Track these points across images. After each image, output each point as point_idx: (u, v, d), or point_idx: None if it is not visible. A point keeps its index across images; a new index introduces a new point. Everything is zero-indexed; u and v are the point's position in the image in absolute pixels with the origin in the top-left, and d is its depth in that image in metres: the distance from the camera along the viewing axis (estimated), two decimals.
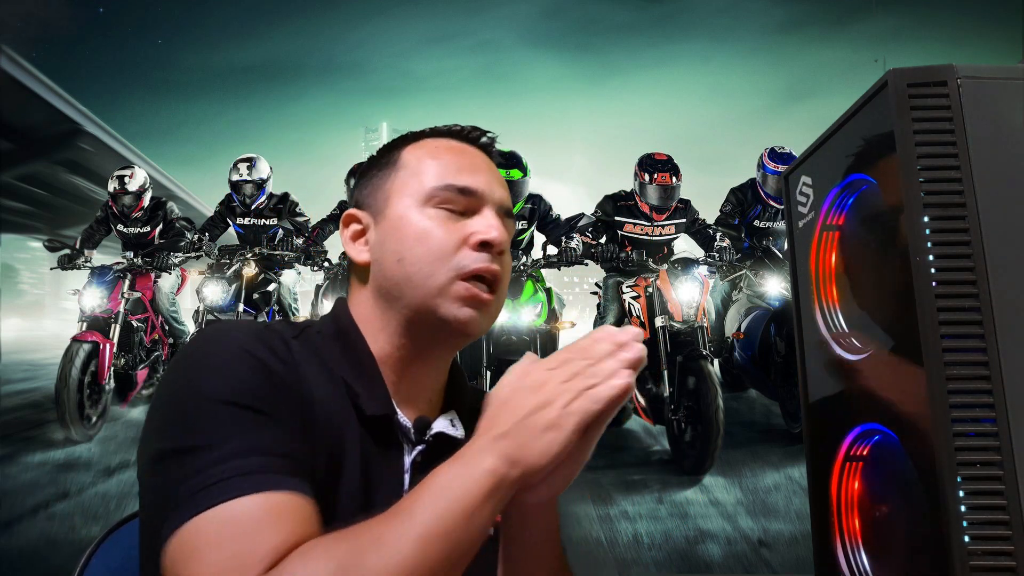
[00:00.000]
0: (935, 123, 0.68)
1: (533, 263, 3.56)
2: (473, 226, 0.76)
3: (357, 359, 0.75)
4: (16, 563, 2.73)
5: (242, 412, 0.62)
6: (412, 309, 0.75)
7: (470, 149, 0.82)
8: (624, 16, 7.26)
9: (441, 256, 0.74)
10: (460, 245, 0.75)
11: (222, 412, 0.61)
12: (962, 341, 0.65)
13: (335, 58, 7.56)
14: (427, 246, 0.74)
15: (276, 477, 0.59)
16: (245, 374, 0.64)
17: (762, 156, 4.09)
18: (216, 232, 4.24)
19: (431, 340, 0.77)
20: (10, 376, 5.18)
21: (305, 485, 0.61)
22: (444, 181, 0.77)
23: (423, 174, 0.78)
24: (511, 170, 3.61)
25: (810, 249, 0.92)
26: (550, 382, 0.62)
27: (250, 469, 0.58)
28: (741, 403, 4.34)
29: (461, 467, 0.61)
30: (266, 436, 0.61)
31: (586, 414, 0.61)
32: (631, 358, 0.63)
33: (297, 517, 0.58)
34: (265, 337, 0.70)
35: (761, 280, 3.87)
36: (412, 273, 0.74)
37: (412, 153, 0.80)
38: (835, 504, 0.86)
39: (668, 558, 2.79)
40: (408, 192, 0.77)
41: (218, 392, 0.62)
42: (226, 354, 0.66)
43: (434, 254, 0.74)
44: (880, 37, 5.17)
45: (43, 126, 8.13)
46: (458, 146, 0.81)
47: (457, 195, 0.77)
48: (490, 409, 0.64)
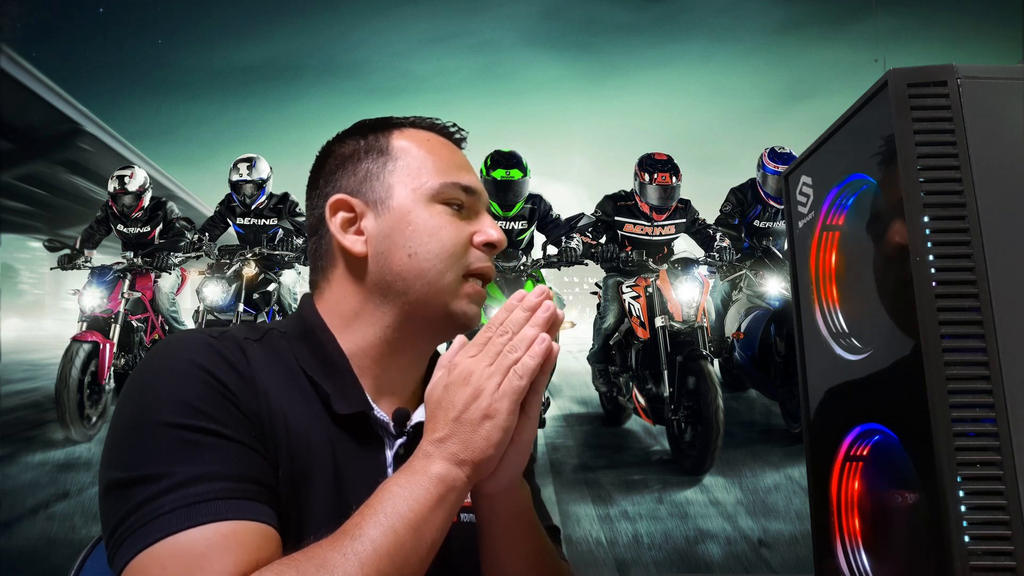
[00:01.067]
0: (935, 123, 0.68)
1: (533, 263, 3.56)
2: (477, 227, 0.78)
3: (326, 357, 0.74)
4: (16, 563, 2.73)
5: (190, 435, 0.60)
6: (419, 303, 0.74)
7: (454, 146, 0.82)
8: (624, 16, 7.31)
9: (453, 254, 0.75)
10: (468, 244, 0.76)
11: (170, 437, 0.60)
12: (962, 341, 0.65)
13: (335, 58, 7.63)
14: (441, 243, 0.74)
15: (225, 504, 0.57)
16: (194, 392, 0.62)
17: (762, 156, 4.09)
18: (216, 232, 4.24)
19: (430, 333, 0.77)
20: (10, 376, 5.18)
21: (258, 507, 0.59)
22: (450, 179, 0.77)
23: (425, 168, 0.77)
24: (511, 170, 3.61)
25: (810, 249, 0.92)
26: (476, 369, 0.63)
27: (198, 498, 0.57)
28: (741, 403, 4.34)
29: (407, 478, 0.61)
30: (215, 460, 0.60)
31: (516, 392, 0.62)
32: (545, 317, 0.65)
33: (247, 545, 0.56)
34: (218, 347, 0.67)
35: (761, 280, 3.87)
36: (426, 269, 0.74)
37: (403, 142, 0.79)
38: (835, 504, 0.86)
39: (668, 558, 2.79)
40: (413, 185, 0.76)
41: (165, 415, 0.61)
42: (175, 371, 0.64)
43: (447, 251, 0.75)
44: (880, 37, 5.19)
45: (43, 126, 8.13)
46: (445, 142, 0.81)
47: (462, 193, 0.77)
48: (428, 411, 0.64)
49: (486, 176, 3.63)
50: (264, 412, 0.66)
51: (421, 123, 0.82)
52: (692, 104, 7.56)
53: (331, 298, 0.77)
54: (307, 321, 0.76)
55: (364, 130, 0.81)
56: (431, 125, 0.82)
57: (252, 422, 0.64)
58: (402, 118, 0.82)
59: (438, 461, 0.61)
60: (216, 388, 0.64)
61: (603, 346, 3.80)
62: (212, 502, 0.57)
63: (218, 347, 0.67)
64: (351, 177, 0.78)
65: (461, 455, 0.62)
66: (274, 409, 0.67)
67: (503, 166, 3.62)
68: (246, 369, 0.67)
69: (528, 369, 0.63)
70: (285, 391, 0.69)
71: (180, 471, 0.58)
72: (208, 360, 0.65)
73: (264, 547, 0.57)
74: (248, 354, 0.69)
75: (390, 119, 0.82)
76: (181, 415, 0.61)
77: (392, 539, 0.57)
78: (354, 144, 0.80)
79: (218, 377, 0.64)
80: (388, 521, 0.58)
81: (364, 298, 0.76)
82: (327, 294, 0.78)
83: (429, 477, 0.60)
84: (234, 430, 0.62)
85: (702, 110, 7.48)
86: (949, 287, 0.66)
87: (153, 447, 0.59)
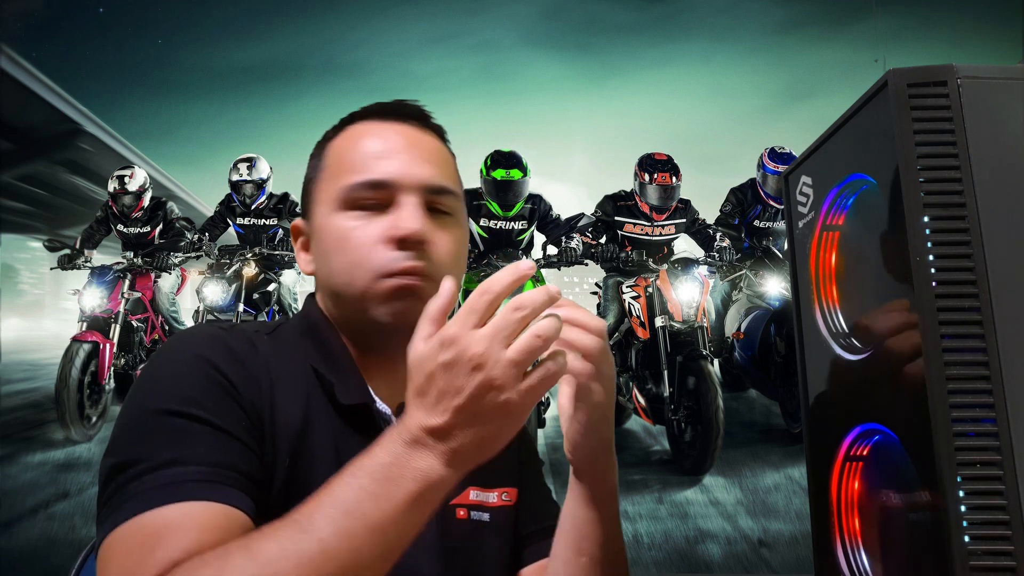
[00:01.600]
0: (935, 123, 0.68)
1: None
2: (389, 221, 0.70)
3: (329, 351, 0.74)
4: (16, 563, 2.73)
5: (179, 421, 0.60)
6: (351, 315, 0.74)
7: (388, 129, 0.75)
8: (624, 16, 7.28)
9: (359, 261, 0.70)
10: (377, 243, 0.70)
11: (159, 424, 0.60)
12: (962, 341, 0.65)
13: (335, 58, 7.58)
14: (345, 254, 0.71)
15: (196, 486, 0.57)
16: (192, 382, 0.63)
17: (762, 156, 4.09)
18: (216, 232, 4.24)
19: (381, 339, 0.74)
20: (10, 376, 5.18)
21: (230, 492, 0.58)
22: (355, 179, 0.71)
23: (340, 172, 0.73)
24: (511, 170, 3.61)
25: (810, 249, 0.92)
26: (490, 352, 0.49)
27: (171, 479, 0.57)
28: (741, 403, 4.34)
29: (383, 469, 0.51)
30: (198, 446, 0.60)
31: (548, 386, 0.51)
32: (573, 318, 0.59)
33: (208, 526, 0.55)
34: (227, 340, 0.68)
35: (761, 280, 3.87)
36: (337, 284, 0.72)
37: (332, 147, 0.77)
38: (835, 504, 0.86)
39: (668, 558, 2.79)
40: (326, 197, 0.74)
41: (159, 403, 0.61)
42: (177, 363, 0.65)
43: (352, 260, 0.70)
44: (880, 37, 5.19)
45: (43, 126, 8.13)
46: (375, 128, 0.75)
47: (369, 191, 0.71)
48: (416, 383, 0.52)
49: (486, 176, 3.63)
50: (266, 405, 0.67)
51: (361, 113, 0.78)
52: (692, 104, 7.59)
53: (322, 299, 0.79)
54: (311, 317, 0.77)
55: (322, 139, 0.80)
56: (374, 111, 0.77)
57: (249, 415, 0.65)
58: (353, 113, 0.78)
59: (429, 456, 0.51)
60: (216, 380, 0.64)
61: None
62: (184, 484, 0.57)
63: (226, 340, 0.68)
64: (304, 197, 0.79)
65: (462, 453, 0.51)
66: (278, 401, 0.67)
67: (503, 166, 3.62)
68: (253, 362, 0.68)
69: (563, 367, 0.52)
70: (292, 383, 0.70)
71: (160, 455, 0.58)
72: (213, 352, 0.66)
73: (228, 529, 0.56)
74: (258, 347, 0.70)
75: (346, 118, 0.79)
76: (174, 403, 0.61)
77: (346, 543, 0.49)
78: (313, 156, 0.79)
79: (220, 369, 0.65)
80: (346, 521, 0.49)
81: (330, 308, 0.77)
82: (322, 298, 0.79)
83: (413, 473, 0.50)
84: (225, 421, 0.62)
85: (702, 110, 7.52)
86: (949, 287, 0.66)
87: (142, 433, 0.61)
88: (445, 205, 0.74)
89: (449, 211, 0.75)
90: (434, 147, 0.77)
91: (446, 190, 0.74)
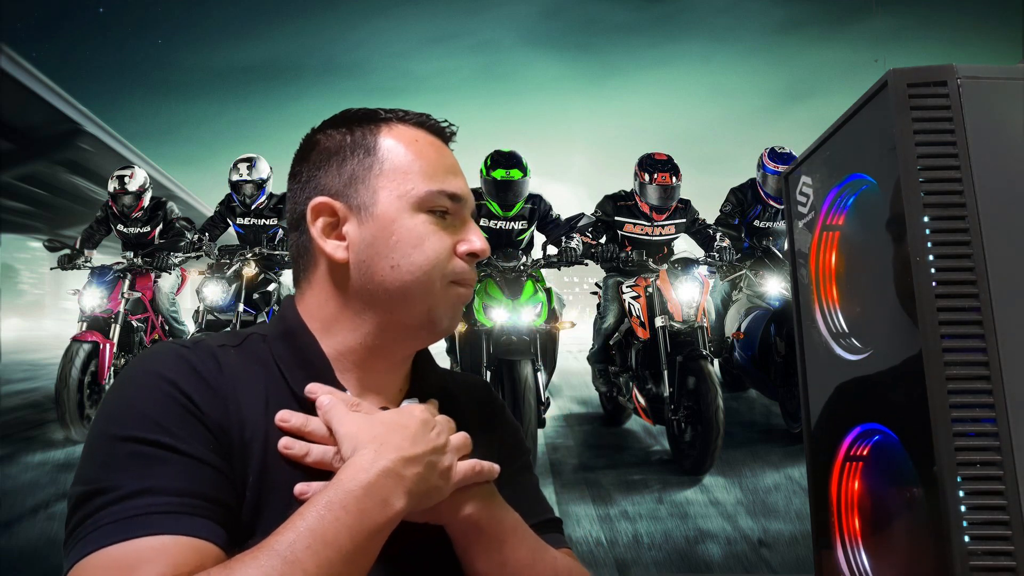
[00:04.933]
0: (935, 123, 0.68)
1: (533, 263, 3.56)
2: (462, 235, 0.76)
3: (306, 359, 0.73)
4: (16, 563, 2.73)
5: (142, 448, 0.60)
6: (403, 313, 0.73)
7: (444, 146, 0.80)
8: (624, 16, 7.30)
9: (437, 265, 0.74)
10: (451, 254, 0.75)
11: (123, 451, 0.60)
12: (962, 341, 0.65)
13: (335, 58, 7.62)
14: (425, 255, 0.73)
15: (163, 518, 0.57)
16: (154, 405, 0.62)
17: (762, 156, 4.09)
18: (216, 232, 4.24)
19: (411, 339, 0.77)
20: (10, 376, 5.18)
21: (199, 522, 0.58)
22: (436, 186, 0.75)
23: (411, 173, 0.74)
24: (511, 170, 3.61)
25: (810, 249, 0.92)
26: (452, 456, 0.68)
27: (138, 511, 0.56)
28: (741, 403, 4.34)
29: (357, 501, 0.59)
30: (163, 474, 0.59)
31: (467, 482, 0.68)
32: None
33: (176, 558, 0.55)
34: (189, 358, 0.67)
35: (761, 280, 3.87)
36: (409, 281, 0.72)
37: (391, 142, 0.76)
38: (835, 504, 0.86)
39: (668, 558, 2.79)
40: (398, 191, 0.74)
41: (122, 429, 0.61)
42: (139, 386, 0.64)
43: (431, 263, 0.73)
44: (880, 37, 5.20)
45: (43, 126, 8.13)
46: (434, 142, 0.79)
47: (448, 201, 0.75)
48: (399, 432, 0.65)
49: (486, 176, 3.63)
50: (233, 423, 0.65)
51: (409, 118, 0.78)
52: (692, 104, 7.60)
53: (312, 301, 0.76)
54: (288, 323, 0.75)
55: (351, 122, 0.77)
56: (420, 122, 0.79)
57: (215, 435, 0.64)
58: (391, 111, 0.79)
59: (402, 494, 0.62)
60: (178, 401, 0.63)
61: (603, 346, 3.80)
62: (150, 515, 0.56)
63: (189, 358, 0.67)
64: (335, 177, 0.75)
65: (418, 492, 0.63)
66: (246, 418, 0.66)
67: (503, 166, 3.62)
68: (217, 379, 0.67)
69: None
70: (261, 397, 0.68)
71: (126, 484, 0.58)
72: (175, 372, 0.65)
73: (196, 562, 0.56)
74: (222, 362, 0.68)
75: (378, 112, 0.78)
76: (137, 428, 0.60)
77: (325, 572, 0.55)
78: (340, 138, 0.76)
79: (183, 389, 0.64)
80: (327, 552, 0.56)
81: (344, 303, 0.74)
82: (308, 296, 0.76)
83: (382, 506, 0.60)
84: (190, 444, 0.61)
85: (702, 110, 7.53)
86: (949, 287, 0.66)
87: (105, 461, 0.60)
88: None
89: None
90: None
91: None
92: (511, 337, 3.30)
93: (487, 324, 3.35)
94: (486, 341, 3.33)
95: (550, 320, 3.50)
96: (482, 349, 3.33)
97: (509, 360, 3.20)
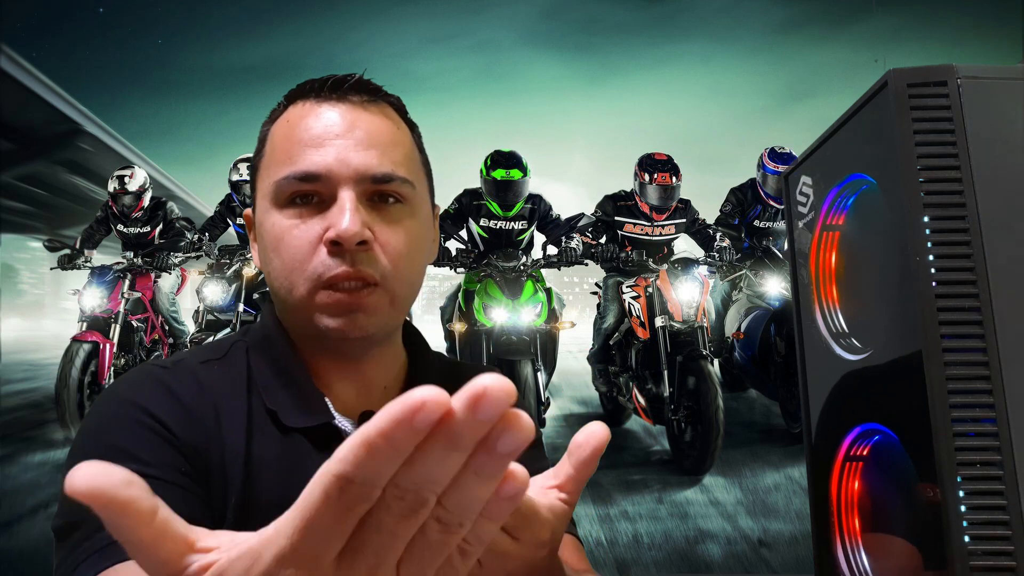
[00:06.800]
0: (935, 123, 0.68)
1: (533, 263, 3.56)
2: (325, 219, 0.64)
3: (281, 369, 0.69)
4: (16, 563, 2.73)
5: None
6: (298, 323, 0.69)
7: (328, 110, 0.67)
8: (624, 16, 7.27)
9: (296, 265, 0.64)
10: (316, 246, 0.64)
11: None
12: (962, 341, 0.65)
13: (335, 58, 7.57)
14: (282, 256, 0.65)
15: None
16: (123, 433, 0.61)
17: (762, 156, 4.09)
18: (216, 232, 4.24)
19: (331, 345, 0.69)
20: (10, 376, 5.18)
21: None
22: (285, 172, 0.65)
23: (273, 163, 0.67)
24: (511, 170, 3.61)
25: (810, 249, 0.92)
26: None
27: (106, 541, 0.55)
28: (741, 403, 4.34)
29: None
30: None
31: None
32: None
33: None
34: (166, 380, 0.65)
35: (761, 280, 3.87)
36: (277, 288, 0.67)
37: (272, 131, 0.69)
38: (835, 504, 0.86)
39: (668, 558, 2.79)
40: (263, 190, 0.68)
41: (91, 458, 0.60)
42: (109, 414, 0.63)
43: (289, 265, 0.65)
44: (880, 37, 5.17)
45: (43, 126, 8.13)
46: (312, 110, 0.67)
47: (301, 184, 0.64)
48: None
49: (486, 176, 3.63)
50: (212, 444, 0.63)
51: (300, 91, 0.69)
52: (692, 104, 7.59)
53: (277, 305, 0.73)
54: (266, 329, 0.72)
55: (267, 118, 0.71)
56: (309, 90, 0.69)
57: (189, 458, 0.62)
58: (293, 89, 0.70)
59: None
60: (148, 426, 0.61)
61: (603, 346, 3.80)
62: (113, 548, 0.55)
63: (165, 380, 0.65)
64: (251, 185, 0.72)
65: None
66: (226, 437, 0.64)
67: (503, 166, 3.62)
68: (195, 400, 0.65)
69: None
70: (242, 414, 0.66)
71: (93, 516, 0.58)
72: (147, 398, 0.63)
73: None
74: (203, 381, 0.67)
75: (289, 94, 0.70)
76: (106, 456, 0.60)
77: None
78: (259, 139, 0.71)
79: (154, 414, 0.62)
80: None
81: (280, 310, 0.72)
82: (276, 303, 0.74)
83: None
84: (159, 469, 0.60)
85: (702, 110, 7.51)
86: (949, 287, 0.66)
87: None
88: (395, 193, 0.67)
89: (400, 198, 0.67)
90: (380, 127, 0.67)
91: (391, 177, 0.66)
92: (511, 337, 3.30)
93: (487, 324, 3.35)
94: (486, 341, 3.33)
95: (550, 320, 3.50)
96: (482, 349, 3.33)
97: (509, 360, 3.20)
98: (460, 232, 3.71)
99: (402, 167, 0.67)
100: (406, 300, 0.69)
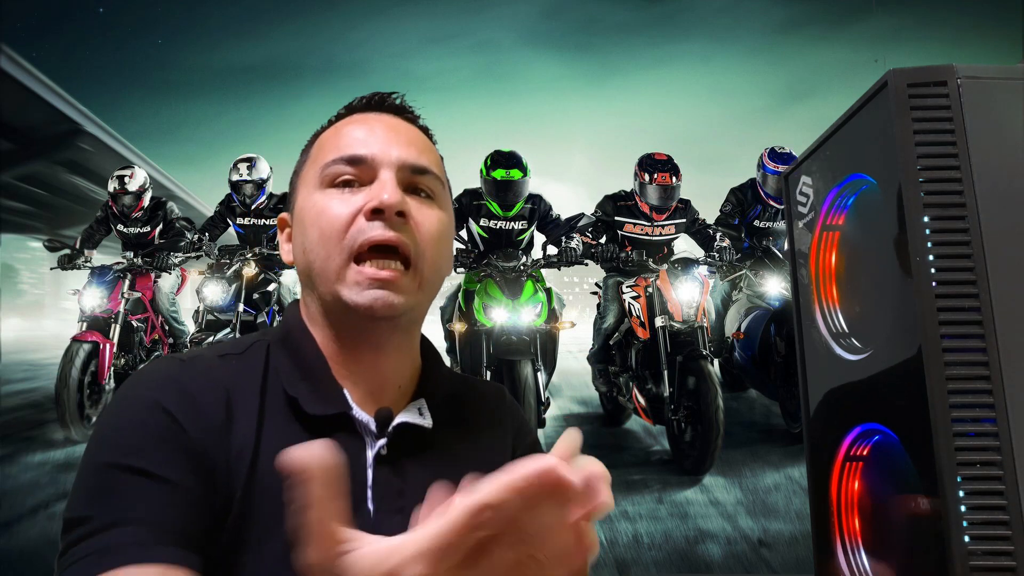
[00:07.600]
0: (935, 123, 0.68)
1: (533, 263, 3.56)
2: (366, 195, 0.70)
3: (302, 360, 0.72)
4: (16, 563, 2.73)
5: (119, 475, 0.60)
6: (323, 298, 0.72)
7: (371, 117, 0.76)
8: (624, 16, 7.25)
9: (334, 234, 0.69)
10: (354, 217, 0.69)
11: (99, 479, 0.60)
12: (962, 341, 0.65)
13: (335, 58, 7.56)
14: (320, 227, 0.70)
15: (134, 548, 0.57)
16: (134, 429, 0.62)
17: (762, 156, 4.09)
18: (216, 232, 4.24)
19: (354, 328, 0.72)
20: (10, 376, 5.18)
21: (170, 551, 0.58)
22: (331, 155, 0.72)
23: (320, 157, 0.73)
24: (511, 170, 3.61)
25: (810, 249, 0.92)
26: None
27: (108, 543, 0.57)
28: (741, 403, 4.34)
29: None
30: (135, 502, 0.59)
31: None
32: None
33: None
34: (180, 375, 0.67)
35: (761, 280, 3.87)
36: (312, 260, 0.71)
37: (319, 140, 0.77)
38: (835, 504, 0.86)
39: (668, 558, 2.79)
40: (308, 179, 0.74)
41: (103, 455, 0.61)
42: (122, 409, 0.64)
43: (328, 233, 0.69)
44: (880, 37, 5.17)
45: (43, 126, 8.13)
46: (359, 118, 0.76)
47: (346, 167, 0.71)
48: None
49: (486, 176, 3.63)
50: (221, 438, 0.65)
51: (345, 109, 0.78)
52: (692, 104, 7.56)
53: (302, 305, 0.78)
54: (288, 324, 0.76)
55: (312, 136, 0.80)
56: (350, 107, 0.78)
57: (197, 453, 0.63)
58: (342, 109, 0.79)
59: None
60: (162, 424, 0.63)
61: (603, 346, 3.80)
62: (121, 547, 0.57)
63: (180, 375, 0.67)
64: (290, 190, 0.79)
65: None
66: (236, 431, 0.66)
67: (503, 166, 3.62)
68: (209, 395, 0.66)
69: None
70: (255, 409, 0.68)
71: (98, 516, 0.59)
72: (162, 392, 0.64)
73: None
74: (218, 375, 0.68)
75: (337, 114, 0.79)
76: (118, 455, 0.61)
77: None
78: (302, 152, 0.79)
79: (167, 409, 0.63)
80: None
81: (309, 299, 0.75)
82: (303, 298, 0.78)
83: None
84: (166, 467, 0.61)
85: (702, 110, 7.48)
86: (949, 287, 0.66)
87: (88, 489, 0.61)
88: (427, 186, 0.73)
89: (431, 194, 0.74)
90: (419, 136, 0.77)
91: (427, 170, 0.73)
92: (511, 337, 3.30)
93: (487, 324, 3.35)
94: (486, 341, 3.33)
95: (550, 320, 3.50)
96: (482, 349, 3.33)
97: (509, 360, 3.20)
98: (460, 232, 3.71)
99: (435, 167, 0.75)
100: (432, 286, 0.73)
